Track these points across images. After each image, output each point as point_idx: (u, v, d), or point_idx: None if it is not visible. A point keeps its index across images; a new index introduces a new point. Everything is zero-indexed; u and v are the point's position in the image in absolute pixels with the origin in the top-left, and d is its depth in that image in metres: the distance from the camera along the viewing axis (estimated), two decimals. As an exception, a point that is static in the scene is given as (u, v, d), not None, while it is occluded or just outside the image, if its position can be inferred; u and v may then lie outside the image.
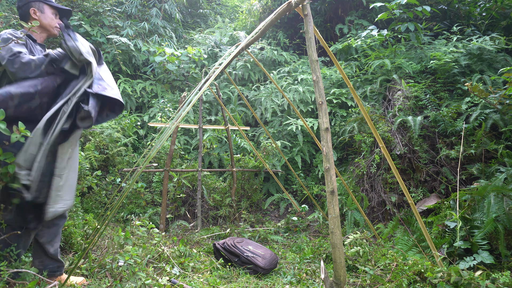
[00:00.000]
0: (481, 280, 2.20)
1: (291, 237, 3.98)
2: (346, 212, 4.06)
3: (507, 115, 3.62)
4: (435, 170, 3.95)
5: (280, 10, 2.36)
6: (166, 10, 7.81)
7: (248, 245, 3.08)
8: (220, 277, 2.75)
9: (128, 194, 4.22)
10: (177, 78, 6.41)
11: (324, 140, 1.95)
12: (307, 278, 2.72)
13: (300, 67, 6.18)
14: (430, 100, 4.25)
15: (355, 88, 5.20)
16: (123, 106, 2.18)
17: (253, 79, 6.35)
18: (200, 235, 3.81)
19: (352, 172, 4.43)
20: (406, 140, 4.12)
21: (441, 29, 5.42)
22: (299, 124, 5.06)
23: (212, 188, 4.68)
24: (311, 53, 2.06)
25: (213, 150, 5.26)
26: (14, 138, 1.71)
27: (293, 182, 5.12)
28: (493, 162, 3.50)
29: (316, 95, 2.02)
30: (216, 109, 6.00)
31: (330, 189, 1.88)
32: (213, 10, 9.75)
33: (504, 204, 2.83)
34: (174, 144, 4.07)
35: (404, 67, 4.75)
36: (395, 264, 2.71)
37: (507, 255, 2.68)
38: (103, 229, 2.34)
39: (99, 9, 6.29)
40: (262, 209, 4.86)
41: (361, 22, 6.32)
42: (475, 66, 4.43)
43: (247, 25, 8.00)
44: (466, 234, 2.85)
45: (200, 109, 4.42)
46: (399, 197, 3.96)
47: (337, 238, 1.83)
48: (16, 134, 1.72)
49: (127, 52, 6.34)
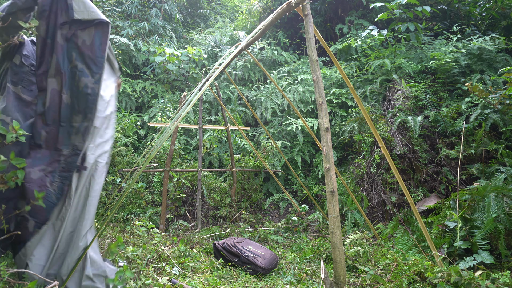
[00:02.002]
0: (481, 280, 2.20)
1: (291, 237, 3.98)
2: (346, 212, 4.06)
3: (507, 115, 3.62)
4: (435, 170, 3.95)
5: (280, 10, 2.36)
6: (166, 10, 7.81)
7: (248, 245, 3.08)
8: (220, 277, 2.75)
9: (128, 194, 4.22)
10: (177, 78, 6.41)
11: (324, 140, 1.95)
12: (307, 278, 2.72)
13: (300, 67, 6.18)
14: (430, 100, 4.25)
15: (355, 88, 5.20)
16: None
17: (253, 79, 6.35)
18: (200, 235, 3.81)
19: (352, 172, 4.43)
20: (406, 140, 4.12)
21: (441, 29, 5.42)
22: (299, 124, 5.06)
23: (212, 188, 4.68)
24: (311, 53, 2.07)
25: (213, 150, 5.26)
26: (9, 138, 1.70)
27: (293, 182, 5.12)
28: (493, 162, 3.50)
29: (316, 95, 2.02)
30: (216, 109, 6.00)
31: (330, 189, 1.88)
32: (213, 10, 9.75)
33: (504, 204, 2.83)
34: (174, 144, 4.07)
35: (404, 67, 4.75)
36: (395, 264, 2.71)
37: (507, 255, 2.68)
38: (103, 229, 2.34)
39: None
40: (262, 209, 4.86)
41: (361, 22, 6.31)
42: (475, 66, 4.43)
43: (247, 25, 8.00)
44: (466, 234, 2.85)
45: (200, 109, 4.42)
46: (399, 197, 3.96)
47: (337, 238, 1.83)
48: (12, 133, 1.71)
49: (127, 52, 6.34)
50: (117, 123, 5.08)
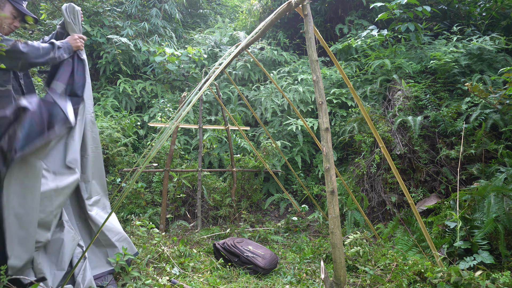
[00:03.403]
0: (481, 280, 2.20)
1: (291, 237, 3.98)
2: (346, 212, 4.06)
3: (507, 115, 3.62)
4: (435, 170, 3.95)
5: (280, 10, 2.36)
6: (166, 10, 7.81)
7: (248, 245, 3.08)
8: (220, 277, 2.75)
9: (128, 194, 4.22)
10: (177, 78, 6.41)
11: (324, 140, 1.95)
12: (307, 278, 2.72)
13: (300, 67, 6.18)
14: (430, 100, 4.25)
15: (355, 88, 5.19)
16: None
17: (253, 79, 6.35)
18: (200, 235, 3.81)
19: (352, 172, 4.43)
20: (406, 140, 4.12)
21: (441, 29, 5.42)
22: (299, 124, 5.06)
23: (212, 188, 4.68)
24: (311, 53, 2.06)
25: (213, 150, 5.26)
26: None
27: (293, 182, 5.12)
28: (493, 162, 3.50)
29: (316, 95, 2.02)
30: (216, 109, 6.00)
31: (330, 189, 1.88)
32: (213, 10, 9.75)
33: (504, 204, 2.83)
34: (174, 144, 4.07)
35: (404, 67, 4.75)
36: (395, 264, 2.71)
37: (507, 255, 2.68)
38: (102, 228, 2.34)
39: (99, 9, 6.29)
40: (262, 209, 4.86)
41: (361, 22, 6.31)
42: (475, 66, 4.43)
43: (247, 25, 7.99)
44: (466, 234, 2.85)
45: (200, 109, 4.42)
46: (399, 197, 3.96)
47: (337, 238, 1.83)
48: None
49: (127, 52, 6.34)
50: (117, 123, 5.08)
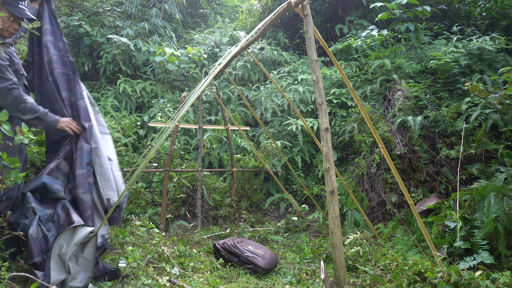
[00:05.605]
0: (481, 280, 2.20)
1: (291, 237, 3.98)
2: (346, 212, 4.06)
3: (507, 115, 3.61)
4: (435, 170, 3.95)
5: (280, 10, 2.36)
6: (166, 10, 7.81)
7: (248, 245, 3.08)
8: (220, 277, 2.75)
9: (128, 194, 4.21)
10: (177, 78, 6.40)
11: (324, 140, 1.95)
12: (307, 278, 2.72)
13: (300, 67, 6.18)
14: (430, 100, 4.25)
15: (355, 88, 5.19)
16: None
17: (253, 79, 6.34)
18: (200, 235, 3.81)
19: (352, 172, 4.43)
20: (406, 140, 4.12)
21: (441, 29, 5.42)
22: (299, 124, 5.06)
23: (212, 188, 4.68)
24: (311, 53, 2.06)
25: (213, 150, 5.26)
26: (17, 140, 1.71)
27: (293, 182, 5.12)
28: (493, 162, 3.50)
29: (316, 95, 2.02)
30: (216, 109, 6.00)
31: (330, 189, 1.88)
32: (213, 10, 9.74)
33: (504, 204, 2.83)
34: (174, 144, 4.07)
35: (404, 67, 4.75)
36: (395, 264, 2.71)
37: (507, 255, 2.68)
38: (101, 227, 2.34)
39: (99, 9, 6.29)
40: (262, 209, 4.86)
41: (361, 22, 6.31)
42: (475, 66, 4.43)
43: (247, 25, 7.99)
44: (466, 234, 2.85)
45: (200, 109, 4.42)
46: (399, 197, 3.96)
47: (337, 238, 1.83)
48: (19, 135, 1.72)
49: (127, 52, 6.34)
50: (117, 123, 5.08)
